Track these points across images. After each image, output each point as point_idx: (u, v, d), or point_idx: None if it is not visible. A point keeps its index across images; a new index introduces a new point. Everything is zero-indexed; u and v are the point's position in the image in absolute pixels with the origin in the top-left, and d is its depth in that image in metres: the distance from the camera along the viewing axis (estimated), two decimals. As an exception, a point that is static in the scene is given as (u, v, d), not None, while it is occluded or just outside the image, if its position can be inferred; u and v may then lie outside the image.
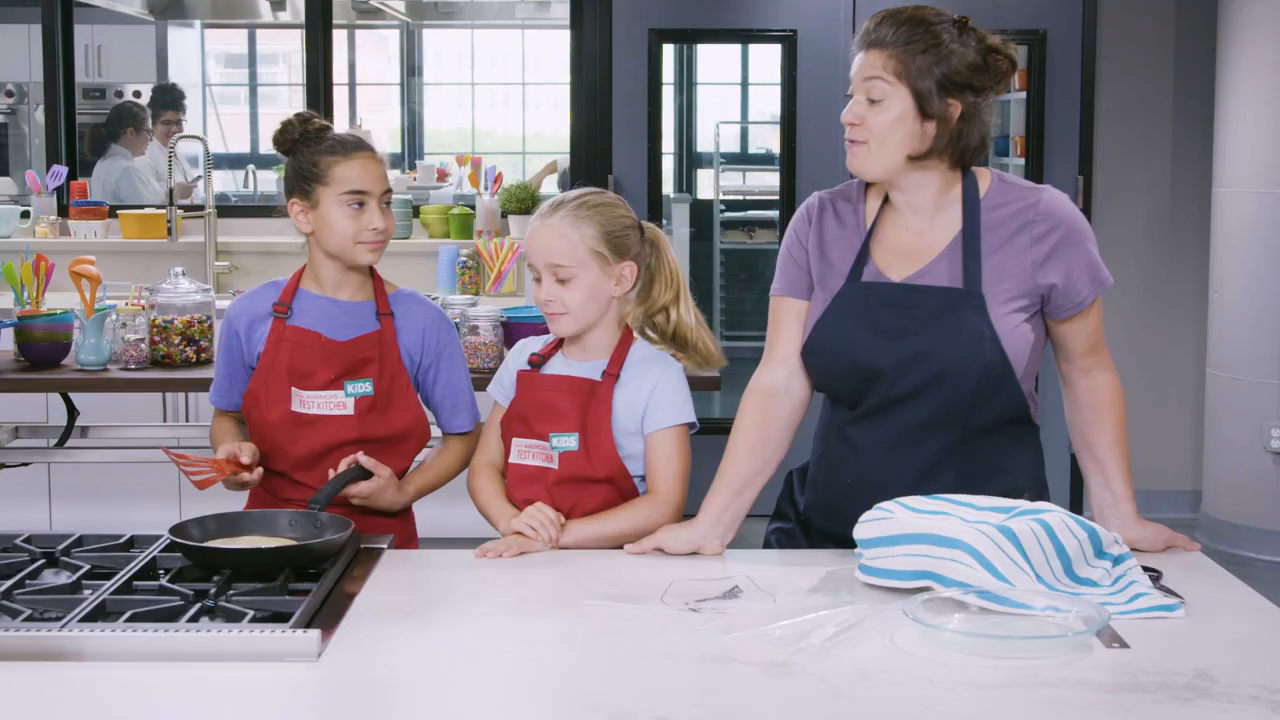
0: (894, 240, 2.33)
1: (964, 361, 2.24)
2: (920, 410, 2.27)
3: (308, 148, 2.55)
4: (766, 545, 2.51)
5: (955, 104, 2.24)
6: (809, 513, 2.44)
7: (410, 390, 2.62)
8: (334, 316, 2.59)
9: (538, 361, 2.45)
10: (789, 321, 2.40)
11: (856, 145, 2.26)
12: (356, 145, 2.56)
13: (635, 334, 2.45)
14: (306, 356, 2.55)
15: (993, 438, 2.32)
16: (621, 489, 2.40)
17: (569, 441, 2.37)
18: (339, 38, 7.09)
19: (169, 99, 7.50)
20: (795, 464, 2.54)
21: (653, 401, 2.40)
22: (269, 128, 2.59)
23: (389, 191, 2.59)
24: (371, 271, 2.64)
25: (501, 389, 2.51)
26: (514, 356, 2.52)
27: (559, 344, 2.47)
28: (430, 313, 2.67)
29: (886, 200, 2.35)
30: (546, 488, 2.38)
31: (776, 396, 2.38)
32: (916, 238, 2.32)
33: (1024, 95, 6.18)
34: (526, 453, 2.41)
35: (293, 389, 2.55)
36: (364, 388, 2.55)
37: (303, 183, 2.54)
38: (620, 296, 2.41)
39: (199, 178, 6.12)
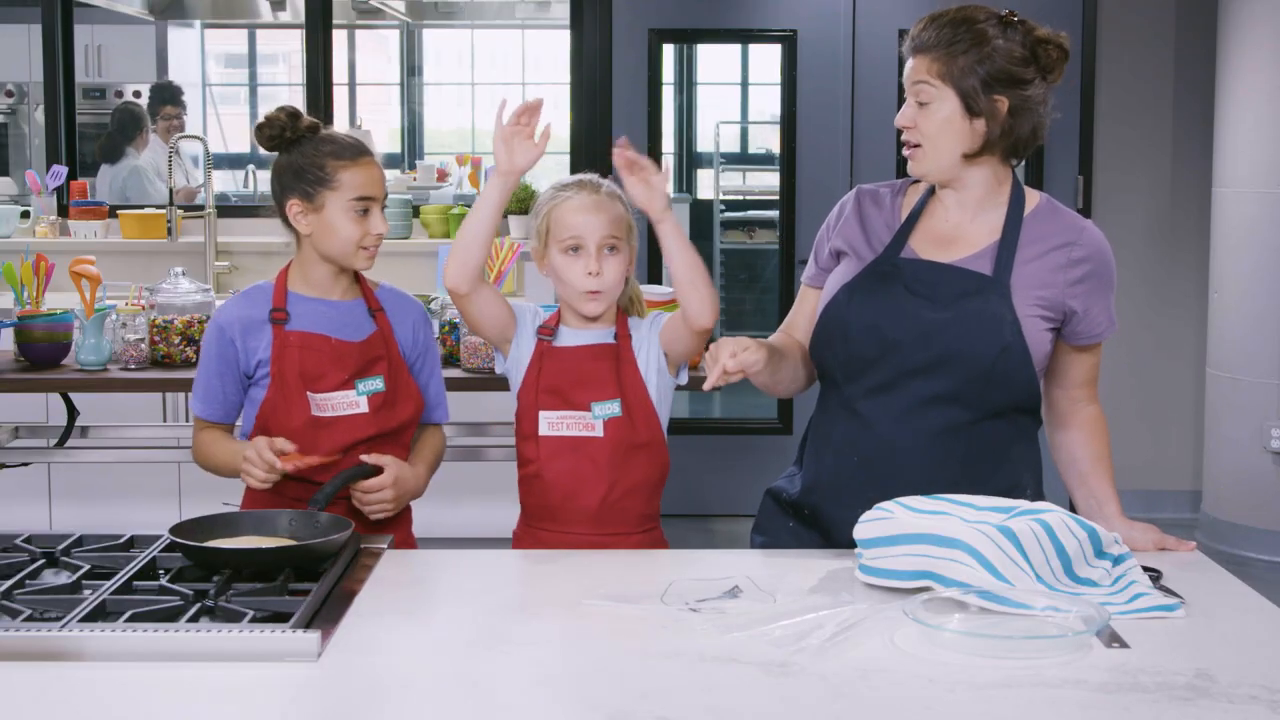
0: (933, 229, 2.38)
1: (982, 341, 2.27)
2: (934, 384, 2.29)
3: (307, 148, 2.54)
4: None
5: (1002, 100, 2.29)
6: (811, 499, 2.41)
7: (412, 380, 2.64)
8: (332, 318, 2.58)
9: (549, 334, 2.46)
10: (806, 306, 2.49)
11: (913, 149, 2.33)
12: (360, 150, 2.55)
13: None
14: (316, 360, 2.53)
15: (1001, 426, 2.34)
16: (659, 455, 2.45)
17: (612, 408, 2.40)
18: (339, 38, 7.08)
19: (167, 95, 7.47)
20: (769, 481, 2.56)
21: (653, 326, 2.47)
22: None
23: (387, 195, 2.62)
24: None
25: (521, 310, 2.50)
26: (527, 308, 2.51)
27: (557, 320, 2.48)
28: (416, 308, 2.70)
29: (931, 193, 2.39)
30: (593, 458, 2.40)
31: (793, 344, 2.47)
32: (955, 229, 2.36)
33: (1024, 95, 6.18)
34: (559, 424, 2.41)
35: (307, 393, 2.54)
36: (375, 385, 2.56)
37: (304, 185, 2.52)
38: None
39: (202, 185, 6.11)
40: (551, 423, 2.41)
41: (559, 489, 2.41)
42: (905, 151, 2.34)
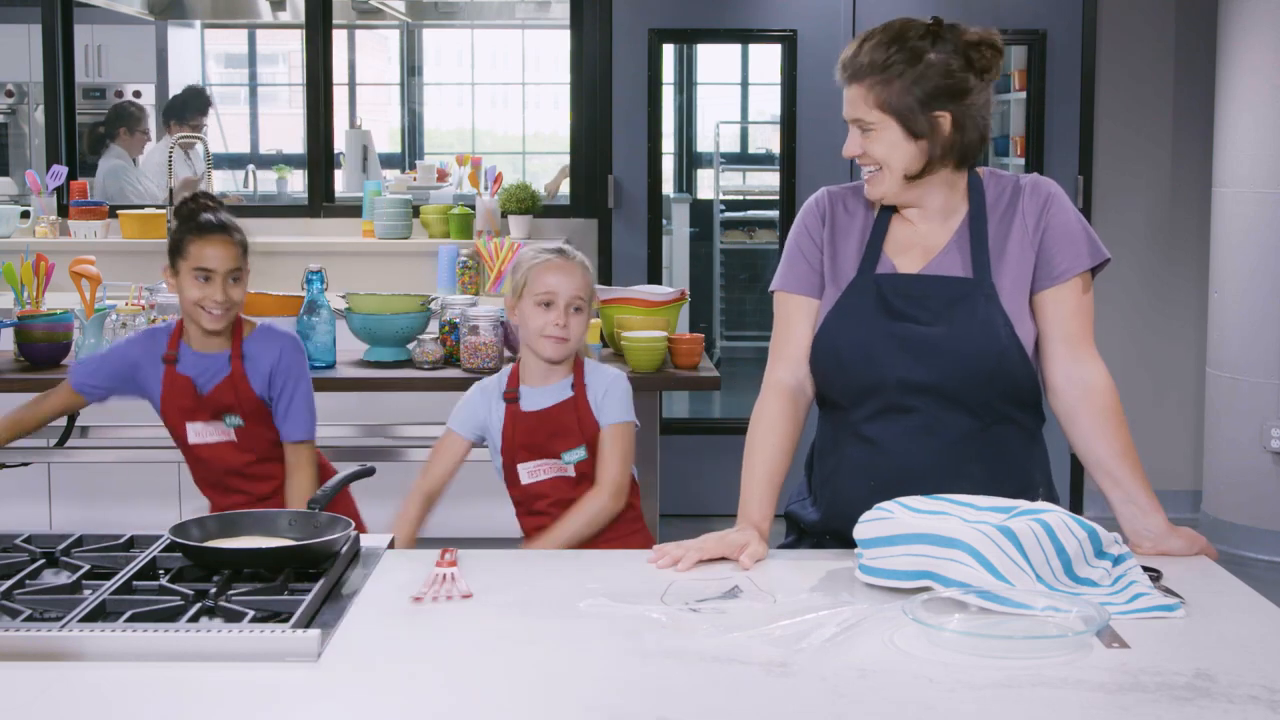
0: (904, 237, 2.35)
1: (980, 348, 2.24)
2: (939, 398, 2.27)
3: (181, 225, 2.96)
4: None
5: (944, 115, 2.25)
6: (832, 526, 2.37)
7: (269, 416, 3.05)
8: (200, 367, 3.03)
9: (513, 397, 2.80)
10: (799, 320, 2.38)
11: (872, 174, 2.31)
12: (216, 228, 2.93)
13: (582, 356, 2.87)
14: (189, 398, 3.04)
15: (1009, 429, 2.31)
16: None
17: (579, 453, 2.78)
18: (339, 38, 7.08)
19: (198, 103, 7.17)
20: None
21: (606, 400, 2.80)
22: (269, 128, 2.68)
23: (237, 269, 2.95)
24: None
25: (465, 424, 2.83)
26: (477, 395, 2.85)
27: (516, 381, 2.82)
28: (278, 348, 3.03)
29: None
30: (567, 491, 2.78)
31: (798, 395, 2.38)
32: (924, 235, 2.34)
33: (1024, 95, 6.18)
34: (538, 471, 2.80)
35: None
36: (236, 420, 3.02)
37: (171, 254, 2.96)
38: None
39: (206, 170, 6.08)
40: (530, 471, 2.80)
41: (550, 517, 2.79)
42: (864, 175, 2.33)
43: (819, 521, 2.41)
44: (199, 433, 3.04)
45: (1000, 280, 2.28)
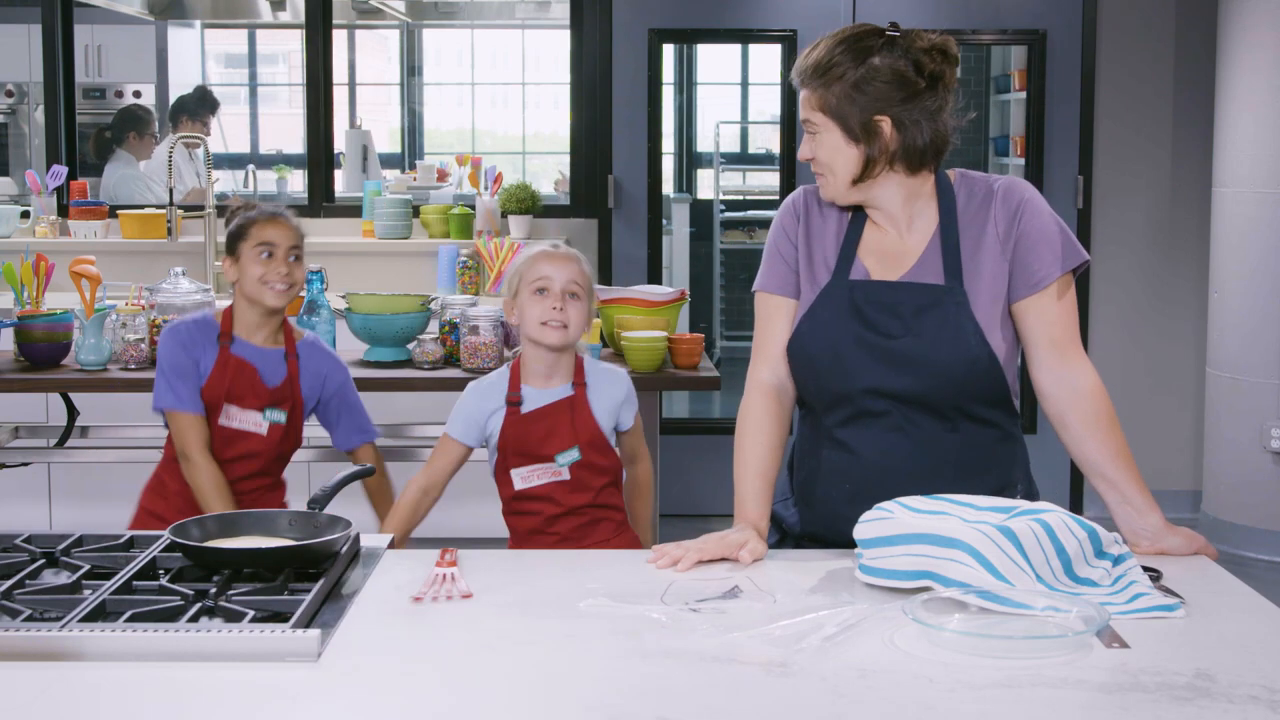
0: (877, 244, 2.35)
1: (951, 357, 2.25)
2: (909, 404, 2.28)
3: (239, 216, 3.13)
4: None
5: (884, 119, 2.25)
6: (810, 529, 2.40)
7: (301, 421, 3.17)
8: (256, 357, 3.10)
9: (517, 400, 2.77)
10: (778, 320, 2.40)
11: (820, 178, 2.34)
12: (273, 212, 3.11)
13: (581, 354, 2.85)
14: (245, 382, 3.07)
15: (983, 429, 2.32)
16: (615, 475, 2.82)
17: (572, 455, 2.75)
18: (339, 38, 7.07)
19: (209, 102, 7.12)
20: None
21: (624, 409, 2.85)
22: (269, 128, 2.70)
23: (297, 248, 3.10)
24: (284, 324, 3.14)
25: (467, 430, 2.79)
26: (474, 400, 2.80)
27: (518, 382, 2.78)
28: (328, 363, 3.19)
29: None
30: (563, 495, 2.75)
31: (781, 393, 2.39)
32: (897, 242, 2.34)
33: (1024, 95, 6.18)
34: (531, 476, 2.76)
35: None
36: (278, 416, 3.09)
37: (231, 242, 3.11)
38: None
39: (207, 172, 6.08)
40: (524, 477, 2.76)
41: (541, 517, 2.77)
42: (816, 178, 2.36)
43: (798, 524, 2.42)
44: (232, 415, 3.08)
45: (973, 287, 2.28)
